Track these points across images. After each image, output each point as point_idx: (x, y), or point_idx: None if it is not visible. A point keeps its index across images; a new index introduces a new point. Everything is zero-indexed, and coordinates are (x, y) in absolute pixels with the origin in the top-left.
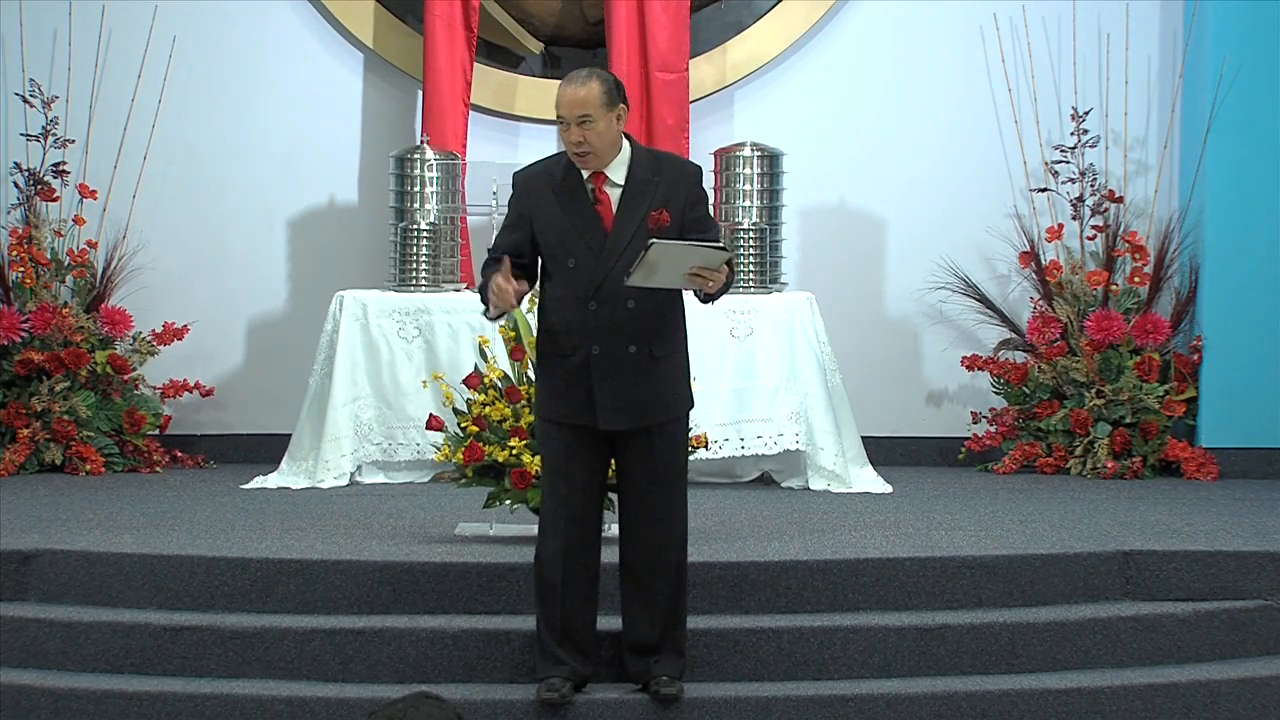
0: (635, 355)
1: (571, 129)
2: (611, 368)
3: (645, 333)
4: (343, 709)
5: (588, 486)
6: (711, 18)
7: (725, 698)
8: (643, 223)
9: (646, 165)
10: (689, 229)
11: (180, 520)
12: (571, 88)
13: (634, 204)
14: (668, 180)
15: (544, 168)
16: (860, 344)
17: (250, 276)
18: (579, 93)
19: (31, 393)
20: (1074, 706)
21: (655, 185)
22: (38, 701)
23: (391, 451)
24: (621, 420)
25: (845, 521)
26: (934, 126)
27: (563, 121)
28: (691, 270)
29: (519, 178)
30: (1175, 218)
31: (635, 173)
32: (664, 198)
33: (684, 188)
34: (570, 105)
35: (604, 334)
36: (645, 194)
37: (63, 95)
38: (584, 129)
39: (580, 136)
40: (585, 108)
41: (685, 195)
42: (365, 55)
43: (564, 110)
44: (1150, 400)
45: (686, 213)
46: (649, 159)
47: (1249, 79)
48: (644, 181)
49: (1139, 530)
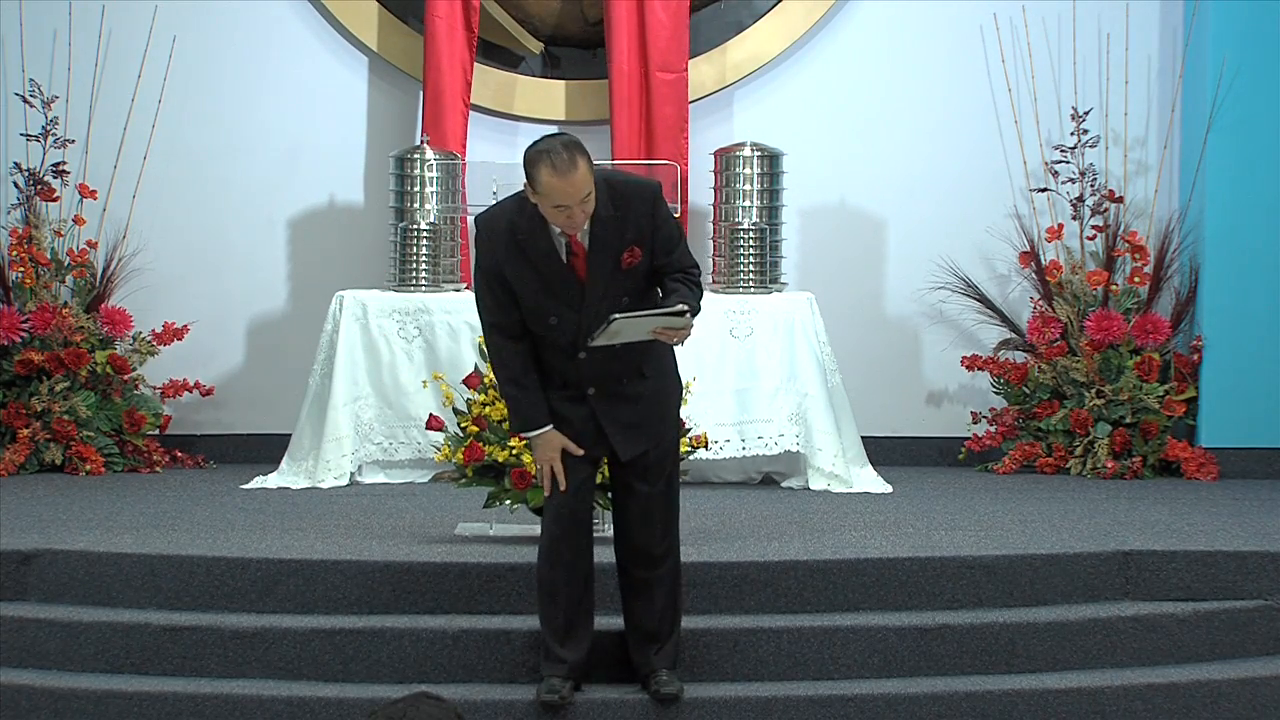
0: (627, 385)
1: (574, 211)
2: (612, 402)
3: (635, 363)
4: (343, 709)
5: (582, 483)
6: (711, 17)
7: (725, 698)
8: (615, 267)
9: (608, 202)
10: (657, 253)
11: (180, 520)
12: (566, 176)
13: (603, 250)
14: (631, 213)
15: (508, 222)
16: (860, 344)
17: (250, 276)
18: (575, 178)
19: (31, 393)
20: (1074, 706)
21: (620, 222)
22: (38, 701)
23: (391, 451)
24: (638, 446)
25: (845, 521)
26: (934, 126)
27: (564, 209)
28: (656, 330)
29: (482, 225)
30: (1175, 217)
31: (599, 213)
32: (633, 234)
33: (645, 214)
34: (572, 194)
35: (596, 377)
36: (612, 234)
37: (63, 95)
38: (584, 204)
39: (583, 213)
40: (585, 188)
41: (651, 223)
42: (365, 55)
43: (566, 199)
44: (1150, 400)
45: (655, 236)
46: (608, 194)
47: (1249, 79)
48: (608, 220)
49: (1139, 530)
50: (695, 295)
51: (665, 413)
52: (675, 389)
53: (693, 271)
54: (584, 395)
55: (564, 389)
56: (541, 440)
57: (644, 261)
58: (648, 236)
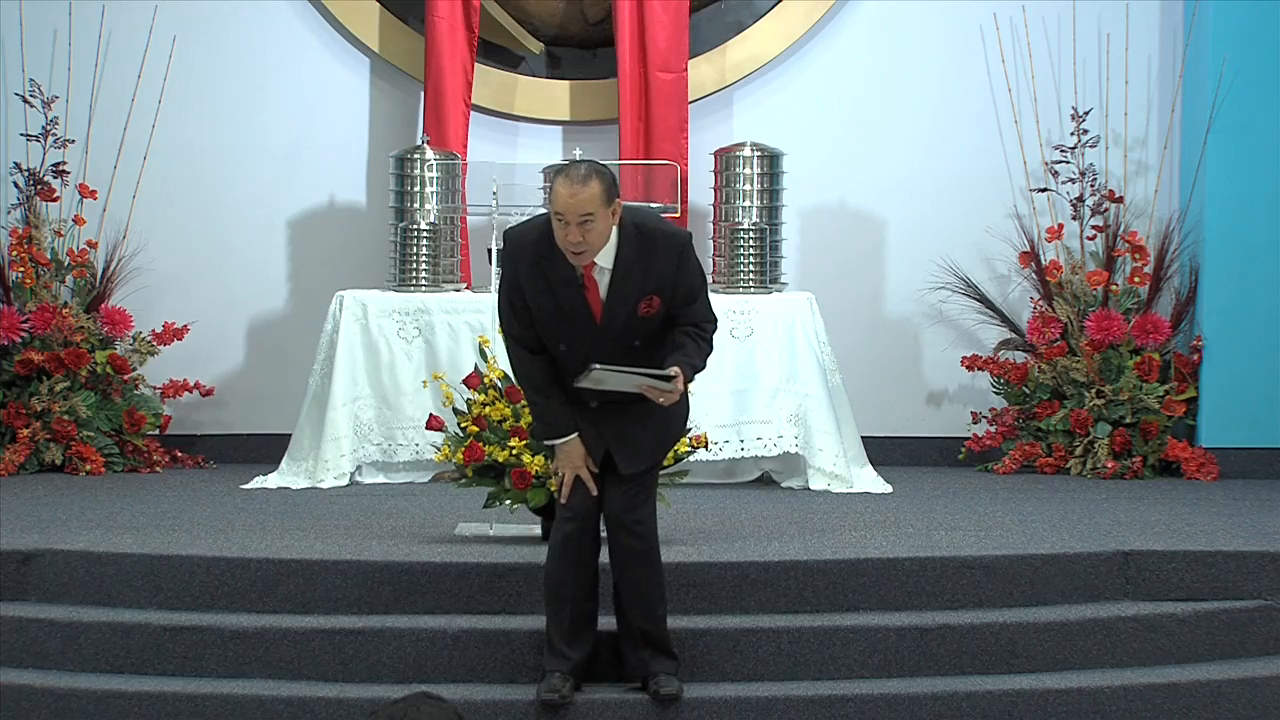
0: (632, 404)
1: (571, 229)
2: (616, 418)
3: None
4: (343, 709)
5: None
6: (711, 18)
7: (725, 698)
8: (632, 311)
9: (634, 246)
10: (676, 304)
11: (180, 520)
12: (572, 187)
13: (621, 292)
14: (656, 261)
15: (535, 239)
16: (860, 344)
17: (250, 276)
18: (580, 193)
19: (31, 393)
20: (1074, 706)
21: (644, 269)
22: (38, 701)
23: (391, 452)
24: (640, 463)
25: (845, 521)
26: (934, 126)
27: (562, 220)
28: (640, 387)
29: (510, 238)
30: (1175, 218)
31: (624, 257)
32: (654, 282)
33: (670, 265)
34: (572, 207)
35: (601, 395)
36: (632, 280)
37: (63, 95)
38: (584, 229)
39: (580, 237)
40: (587, 208)
41: (673, 273)
42: (366, 55)
43: (565, 211)
44: (1150, 400)
45: (676, 288)
46: (636, 239)
47: (1249, 79)
48: (631, 267)
49: (1139, 530)
50: (701, 353)
51: (669, 432)
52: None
53: (705, 327)
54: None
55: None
56: (567, 448)
57: (661, 311)
58: (668, 289)
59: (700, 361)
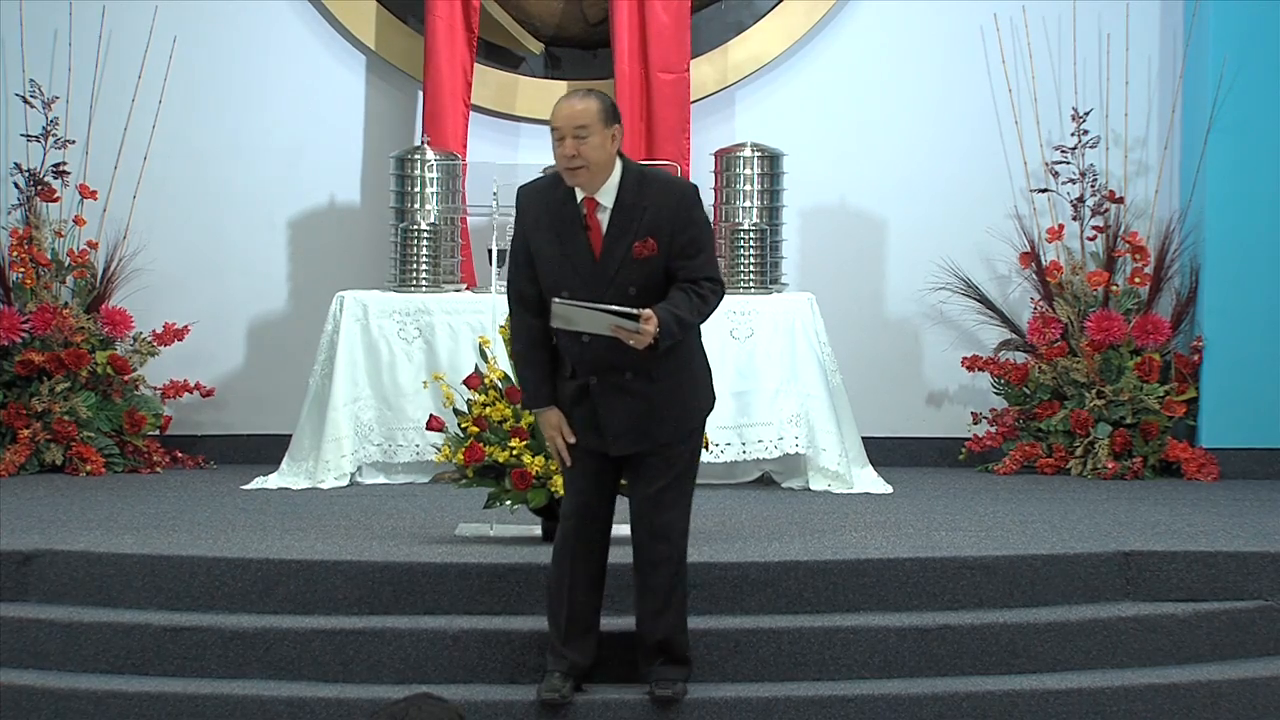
0: (632, 381)
1: (566, 142)
2: (613, 396)
3: (641, 359)
4: (343, 709)
5: (599, 484)
6: (712, 18)
7: (726, 698)
8: (628, 252)
9: (635, 188)
10: (675, 255)
11: (181, 521)
12: (569, 102)
13: (620, 232)
14: (655, 205)
15: (544, 187)
16: (861, 344)
17: (251, 277)
18: (576, 106)
19: (32, 393)
20: (1075, 707)
21: (642, 210)
22: (38, 702)
23: (392, 452)
24: (627, 445)
25: (846, 522)
26: (934, 127)
27: (558, 134)
28: (612, 327)
29: (521, 193)
30: (1175, 218)
31: (623, 197)
32: (651, 223)
33: (671, 211)
34: (566, 118)
35: (600, 364)
36: (632, 219)
37: (63, 96)
38: (578, 143)
39: (574, 150)
40: (581, 119)
41: (673, 219)
42: (366, 55)
43: (560, 122)
44: (1150, 401)
45: (675, 238)
46: (637, 181)
47: (1249, 79)
48: (631, 207)
49: (1139, 531)
50: (691, 308)
51: (667, 417)
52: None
53: (704, 285)
54: (587, 386)
55: (573, 378)
56: (542, 418)
57: (659, 258)
58: (667, 233)
59: (689, 316)
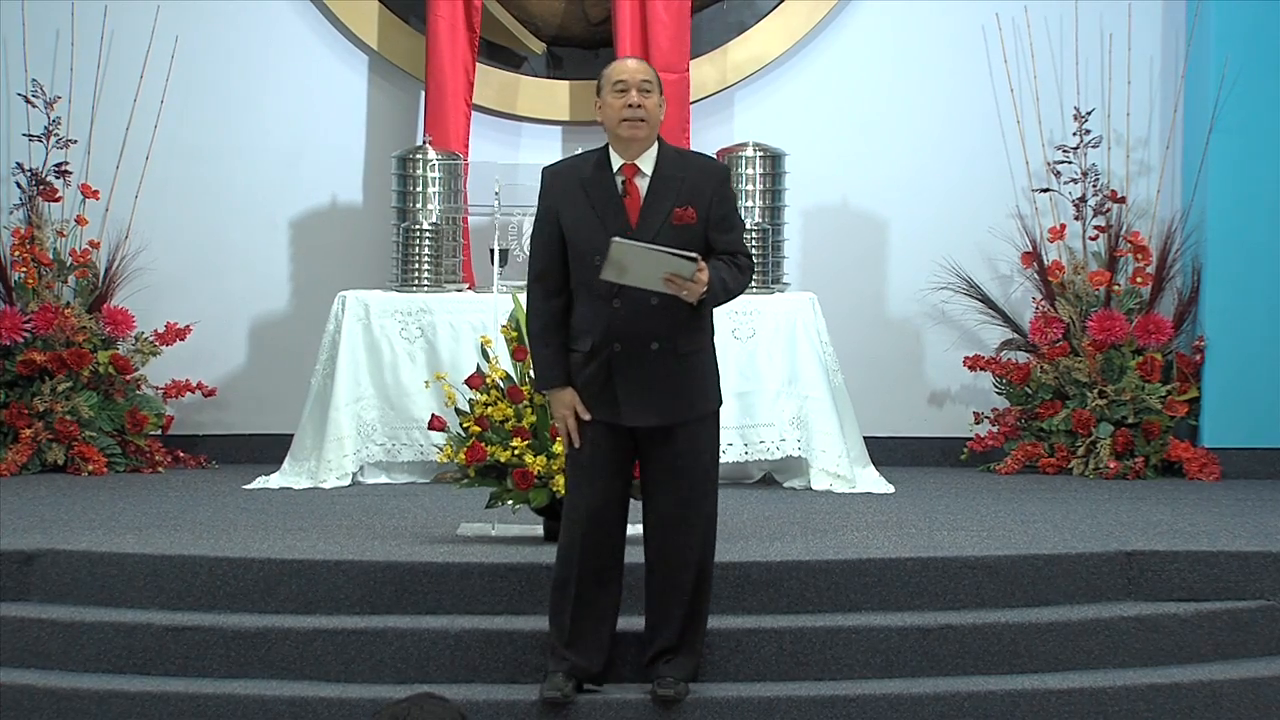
0: (658, 352)
1: (632, 93)
2: (634, 365)
3: (669, 330)
4: (345, 709)
5: (610, 484)
6: (713, 18)
7: (727, 698)
8: (668, 218)
9: (674, 161)
10: (713, 227)
11: (182, 520)
12: (633, 61)
13: (660, 198)
14: (694, 178)
15: (574, 163)
16: (862, 344)
17: (252, 276)
18: (642, 64)
19: (34, 393)
20: (1076, 707)
21: (682, 181)
22: (40, 702)
23: (394, 452)
24: (646, 417)
25: (847, 522)
26: (936, 126)
27: (621, 87)
28: (665, 275)
29: (548, 172)
30: (1177, 218)
31: (662, 168)
32: (690, 194)
33: (710, 186)
34: (634, 71)
35: (627, 332)
36: (671, 189)
37: (65, 95)
38: (644, 96)
39: (640, 101)
40: (648, 75)
41: (711, 193)
42: (367, 55)
43: (627, 75)
44: (1152, 400)
45: (713, 210)
46: (676, 156)
47: (1251, 79)
48: (670, 177)
49: (1141, 530)
50: (731, 275)
51: (683, 395)
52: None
53: (741, 259)
54: (609, 355)
55: (593, 354)
56: (556, 397)
57: (698, 227)
58: (705, 206)
59: (731, 282)
